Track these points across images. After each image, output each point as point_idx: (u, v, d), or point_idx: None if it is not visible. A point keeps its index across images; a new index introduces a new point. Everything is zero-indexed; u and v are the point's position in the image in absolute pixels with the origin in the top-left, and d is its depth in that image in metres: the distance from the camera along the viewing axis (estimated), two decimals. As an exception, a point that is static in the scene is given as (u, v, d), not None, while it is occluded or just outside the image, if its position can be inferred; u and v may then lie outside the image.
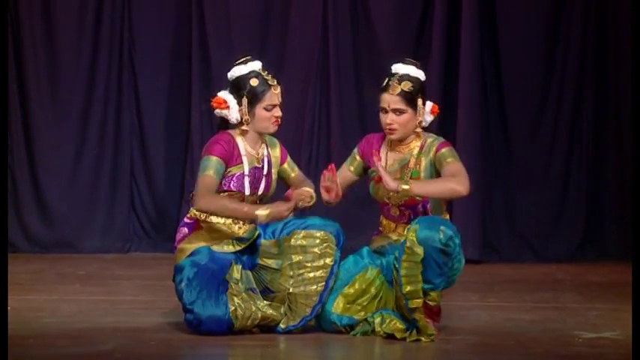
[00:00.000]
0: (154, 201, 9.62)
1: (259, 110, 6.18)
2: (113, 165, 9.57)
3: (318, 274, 6.22)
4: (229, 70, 6.26)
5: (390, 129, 6.34)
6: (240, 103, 6.18)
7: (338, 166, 6.55)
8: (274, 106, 6.20)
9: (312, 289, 6.19)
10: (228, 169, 6.22)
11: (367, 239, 8.86)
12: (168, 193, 9.54)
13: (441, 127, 9.18)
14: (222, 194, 6.22)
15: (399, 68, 6.41)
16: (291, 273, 6.19)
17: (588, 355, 5.98)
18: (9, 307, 5.56)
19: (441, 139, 6.41)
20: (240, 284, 6.18)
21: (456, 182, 6.23)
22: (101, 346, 5.81)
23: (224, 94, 6.22)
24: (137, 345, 5.95)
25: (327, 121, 9.70)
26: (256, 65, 6.25)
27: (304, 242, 6.22)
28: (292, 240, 6.22)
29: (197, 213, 6.24)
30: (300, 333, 6.14)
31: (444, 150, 6.34)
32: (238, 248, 6.21)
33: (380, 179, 6.29)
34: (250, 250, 6.26)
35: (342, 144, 9.53)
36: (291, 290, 6.18)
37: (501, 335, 6.45)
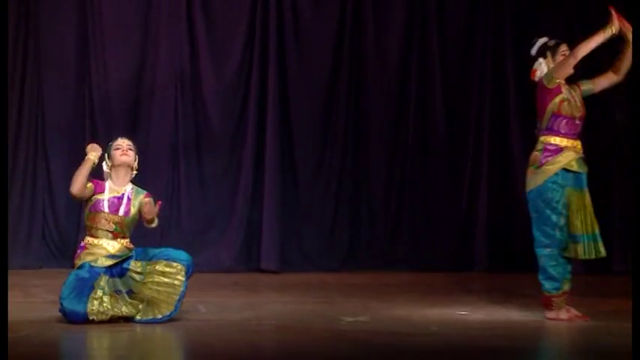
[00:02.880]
0: (58, 233, 9.59)
1: (113, 153, 6.55)
2: (30, 208, 9.52)
3: (170, 290, 6.32)
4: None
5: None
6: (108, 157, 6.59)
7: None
8: (120, 145, 6.55)
9: (165, 302, 6.31)
10: (95, 196, 6.46)
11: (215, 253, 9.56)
12: (69, 228, 9.49)
13: (255, 179, 9.73)
14: (94, 214, 6.43)
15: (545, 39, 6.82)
16: (152, 287, 6.33)
17: (349, 331, 6.28)
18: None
19: None
20: (105, 288, 6.26)
21: None
22: (20, 333, 5.86)
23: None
24: (46, 330, 6.09)
25: (178, 188, 9.65)
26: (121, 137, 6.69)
27: (165, 269, 6.34)
28: (157, 266, 6.34)
29: (87, 239, 6.46)
30: (151, 325, 6.28)
31: None
32: (109, 263, 6.35)
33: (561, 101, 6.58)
34: (121, 264, 6.38)
35: (190, 207, 9.63)
36: (150, 296, 6.31)
37: (294, 320, 6.71)
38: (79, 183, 6.45)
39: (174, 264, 6.39)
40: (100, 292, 6.28)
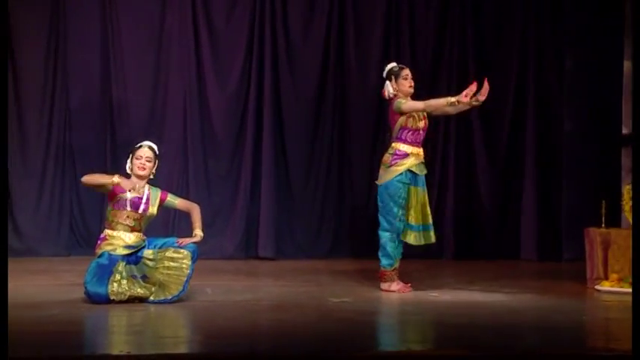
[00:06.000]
0: (84, 225, 9.52)
1: (134, 160, 6.53)
2: (59, 205, 9.47)
3: (178, 273, 6.35)
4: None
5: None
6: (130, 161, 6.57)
7: None
8: (141, 157, 6.51)
9: (174, 283, 6.34)
10: (119, 195, 6.42)
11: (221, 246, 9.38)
12: (92, 221, 9.42)
13: (253, 179, 9.60)
14: (117, 211, 6.40)
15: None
16: (163, 271, 6.37)
17: (335, 309, 6.25)
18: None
19: None
20: (123, 273, 6.29)
21: None
22: (50, 312, 5.89)
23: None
24: (72, 309, 6.09)
25: (187, 186, 9.55)
26: (146, 143, 6.64)
27: (173, 255, 6.40)
28: (166, 253, 6.40)
29: (106, 231, 6.45)
30: (163, 305, 6.27)
31: None
32: (126, 252, 6.40)
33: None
34: (136, 253, 6.43)
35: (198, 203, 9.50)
36: (161, 279, 6.34)
37: (287, 301, 6.67)
38: (90, 184, 6.54)
39: (182, 250, 6.43)
40: (118, 276, 6.31)
